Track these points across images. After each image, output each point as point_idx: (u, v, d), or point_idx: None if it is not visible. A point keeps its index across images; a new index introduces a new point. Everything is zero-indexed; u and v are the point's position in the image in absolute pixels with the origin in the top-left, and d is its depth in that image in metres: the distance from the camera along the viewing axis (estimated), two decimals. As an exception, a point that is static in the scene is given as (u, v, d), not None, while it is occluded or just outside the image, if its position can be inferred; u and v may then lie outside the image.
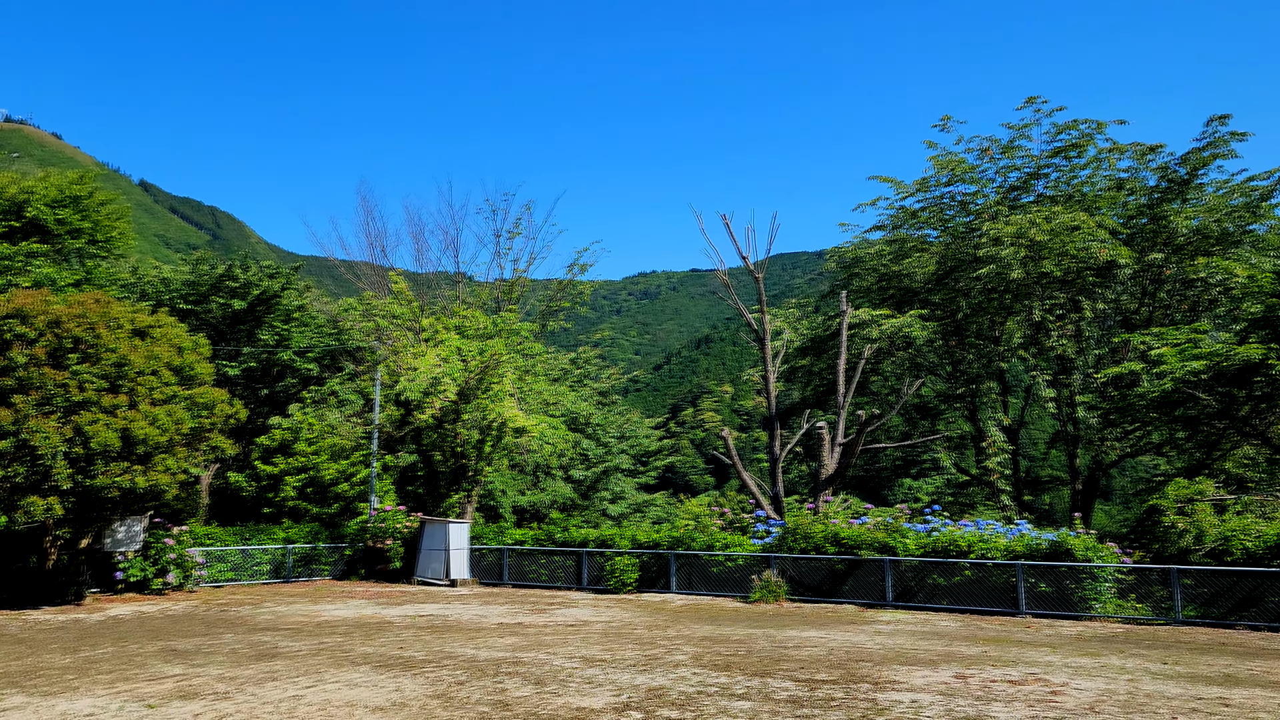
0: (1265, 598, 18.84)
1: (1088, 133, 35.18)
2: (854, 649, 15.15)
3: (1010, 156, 36.90)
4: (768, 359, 31.45)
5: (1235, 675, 12.88)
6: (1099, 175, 36.01)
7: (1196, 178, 33.55)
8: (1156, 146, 34.45)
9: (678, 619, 19.79)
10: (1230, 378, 25.62)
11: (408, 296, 34.97)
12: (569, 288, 43.51)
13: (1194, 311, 33.33)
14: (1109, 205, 34.94)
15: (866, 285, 40.08)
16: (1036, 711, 10.21)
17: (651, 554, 26.77)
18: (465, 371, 31.75)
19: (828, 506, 26.99)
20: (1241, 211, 32.68)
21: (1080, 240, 31.86)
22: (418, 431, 33.61)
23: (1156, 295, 34.39)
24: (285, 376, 41.00)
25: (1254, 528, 19.95)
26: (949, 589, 22.01)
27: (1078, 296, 34.98)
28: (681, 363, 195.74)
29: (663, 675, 12.40)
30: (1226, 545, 19.87)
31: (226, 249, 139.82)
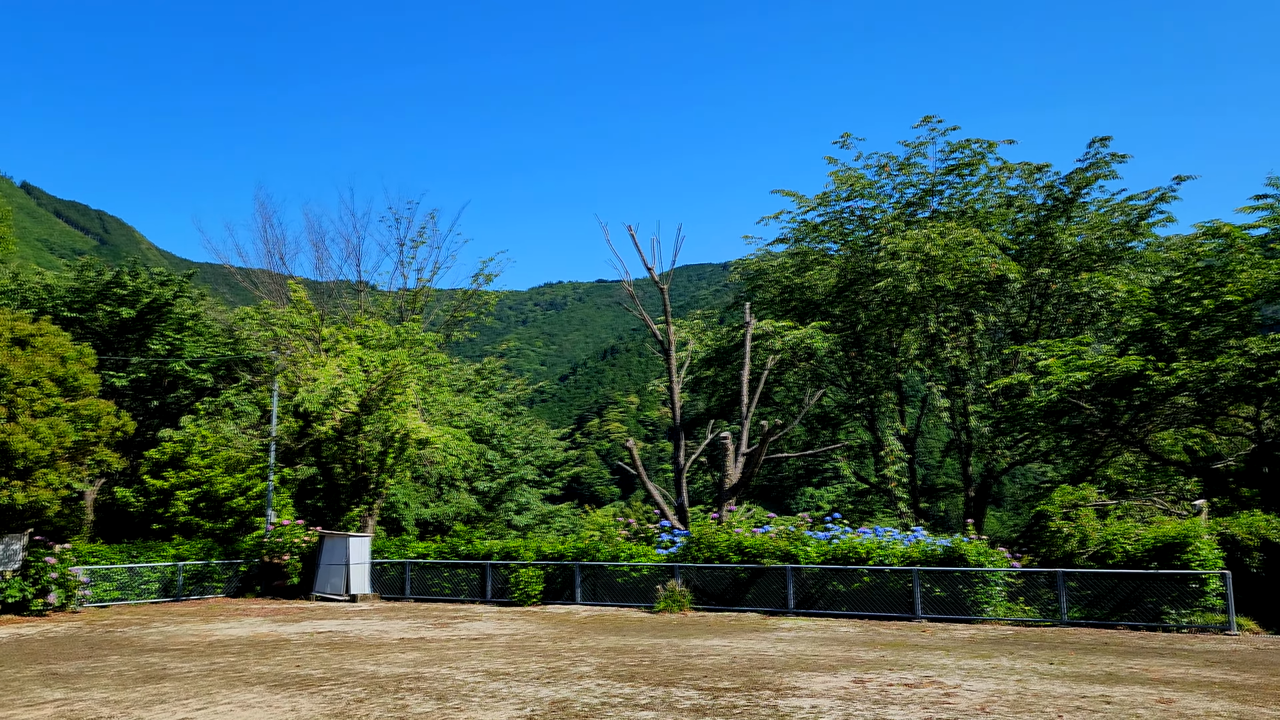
0: (1144, 599, 19.74)
1: (979, 152, 36.47)
2: (756, 656, 15.34)
3: (907, 173, 38.01)
4: (673, 370, 31.69)
5: (1117, 674, 13.46)
6: (990, 193, 37.36)
7: (1080, 196, 35.07)
8: (1043, 166, 35.92)
9: (583, 630, 19.75)
10: (1111, 388, 26.81)
11: (308, 305, 34.19)
12: (474, 298, 43.18)
13: (1078, 325, 34.79)
14: (999, 222, 36.25)
15: (770, 297, 40.73)
16: (931, 713, 10.49)
17: (556, 565, 26.66)
18: (367, 382, 31.18)
19: (731, 516, 27.30)
20: (1122, 229, 34.29)
21: (973, 255, 32.96)
22: (317, 443, 32.85)
23: (1044, 309, 35.79)
24: (177, 387, 39.61)
25: (1133, 532, 20.89)
26: (849, 595, 22.47)
27: (971, 309, 36.17)
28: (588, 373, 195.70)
29: (567, 687, 12.36)
30: (1108, 549, 20.75)
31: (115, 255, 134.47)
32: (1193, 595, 19.43)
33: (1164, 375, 25.22)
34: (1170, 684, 12.48)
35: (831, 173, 38.70)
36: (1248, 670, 13.83)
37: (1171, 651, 16.08)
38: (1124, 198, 34.89)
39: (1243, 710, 10.58)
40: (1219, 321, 26.11)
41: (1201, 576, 19.37)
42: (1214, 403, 26.80)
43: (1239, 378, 24.60)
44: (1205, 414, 27.85)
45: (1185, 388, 25.56)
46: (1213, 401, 26.68)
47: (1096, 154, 34.54)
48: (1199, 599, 19.40)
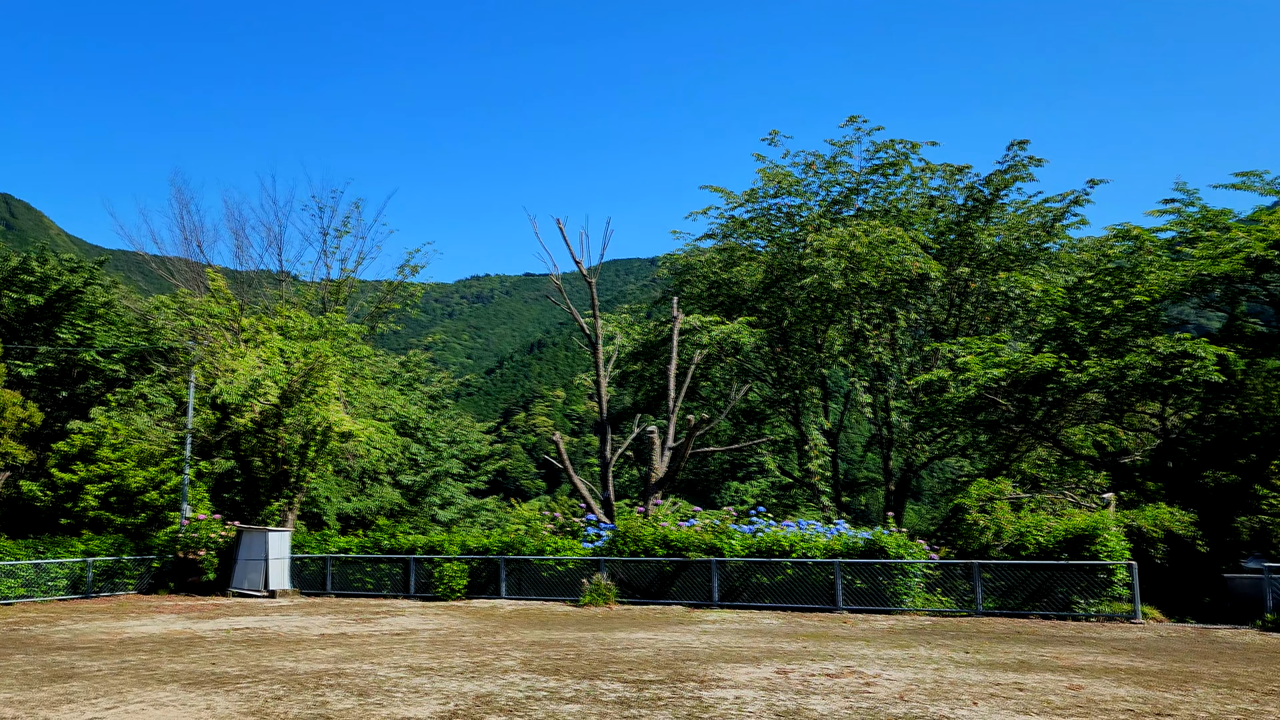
0: (1055, 589, 20.38)
1: (903, 152, 37.15)
2: (681, 649, 15.44)
3: (833, 172, 38.54)
4: (600, 364, 31.68)
5: (1029, 661, 13.86)
6: (913, 192, 38.09)
7: (999, 198, 35.98)
8: (964, 167, 36.75)
9: (507, 624, 19.66)
10: (1026, 384, 27.57)
11: (226, 295, 33.33)
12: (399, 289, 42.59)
13: (996, 322, 35.70)
14: (922, 221, 36.99)
15: (697, 292, 40.95)
16: (851, 703, 10.67)
17: (481, 560, 26.48)
18: (288, 374, 30.54)
19: (657, 510, 27.42)
20: (1038, 230, 35.26)
21: (896, 254, 33.57)
22: (236, 436, 32.06)
23: (963, 307, 36.64)
24: (88, 378, 38.33)
25: (1046, 524, 21.53)
26: (772, 588, 22.75)
27: (893, 307, 36.85)
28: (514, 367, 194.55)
29: (491, 682, 12.29)
30: (1022, 541, 21.37)
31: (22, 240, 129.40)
32: (1101, 585, 20.11)
33: (1076, 373, 26.01)
34: (1079, 671, 12.90)
35: (759, 170, 39.06)
36: (1152, 657, 14.36)
37: (1081, 640, 16.62)
38: (1040, 200, 35.91)
39: (1147, 695, 10.98)
40: (1128, 321, 27.02)
41: (1109, 567, 20.06)
42: (1122, 399, 27.75)
43: (1146, 376, 25.50)
44: (1114, 410, 28.82)
45: (1096, 385, 26.40)
46: (1121, 398, 27.61)
47: (1015, 157, 35.47)
48: (1107, 589, 20.08)
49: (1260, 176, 27.93)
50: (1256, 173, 27.90)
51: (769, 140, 39.44)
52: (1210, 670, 12.98)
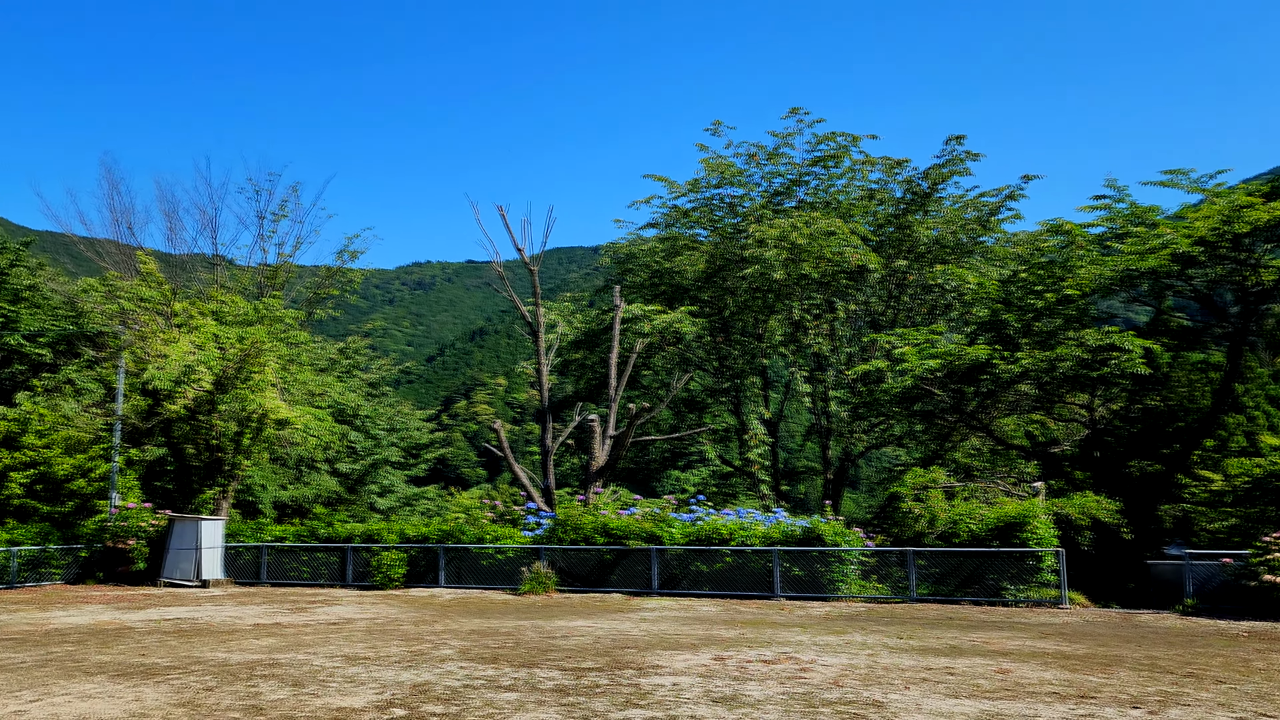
0: (986, 575, 20.85)
1: (844, 145, 37.55)
2: (620, 636, 15.50)
3: (775, 163, 38.83)
4: (541, 352, 31.58)
5: (959, 646, 14.17)
6: (854, 185, 38.54)
7: (937, 192, 36.57)
8: (903, 161, 37.26)
9: (446, 613, 19.56)
10: (961, 375, 28.11)
11: (158, 278, 32.53)
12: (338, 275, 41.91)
13: (932, 314, 36.32)
14: (862, 213, 37.45)
15: (640, 281, 41.01)
16: (787, 688, 10.81)
17: (420, 548, 26.29)
18: (223, 360, 29.94)
19: (598, 498, 27.46)
20: (974, 224, 35.92)
21: (836, 245, 33.95)
22: (168, 423, 31.38)
23: (901, 299, 37.20)
24: (12, 362, 37.18)
25: (978, 512, 22.02)
26: (711, 575, 22.94)
27: (833, 298, 37.29)
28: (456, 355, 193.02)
29: (429, 671, 12.22)
30: (955, 528, 21.82)
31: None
32: (1030, 572, 20.63)
33: (1009, 364, 26.58)
34: (1008, 655, 13.22)
35: (702, 160, 39.21)
36: (1077, 641, 14.77)
37: (1010, 625, 17.04)
38: (976, 194, 36.57)
39: (1072, 678, 11.29)
40: (1059, 314, 27.67)
41: (1038, 554, 20.58)
42: (1053, 391, 28.42)
43: (1076, 368, 26.15)
44: (1045, 401, 29.52)
45: (1028, 376, 27.02)
46: (1052, 389, 28.28)
47: (952, 151, 36.06)
48: (1035, 575, 20.61)
49: (1187, 175, 28.74)
50: (1183, 171, 28.71)
51: (712, 130, 39.59)
52: (1133, 654, 13.39)
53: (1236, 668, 12.11)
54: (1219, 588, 19.20)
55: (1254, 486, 26.58)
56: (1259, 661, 12.67)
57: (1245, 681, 11.06)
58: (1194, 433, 29.36)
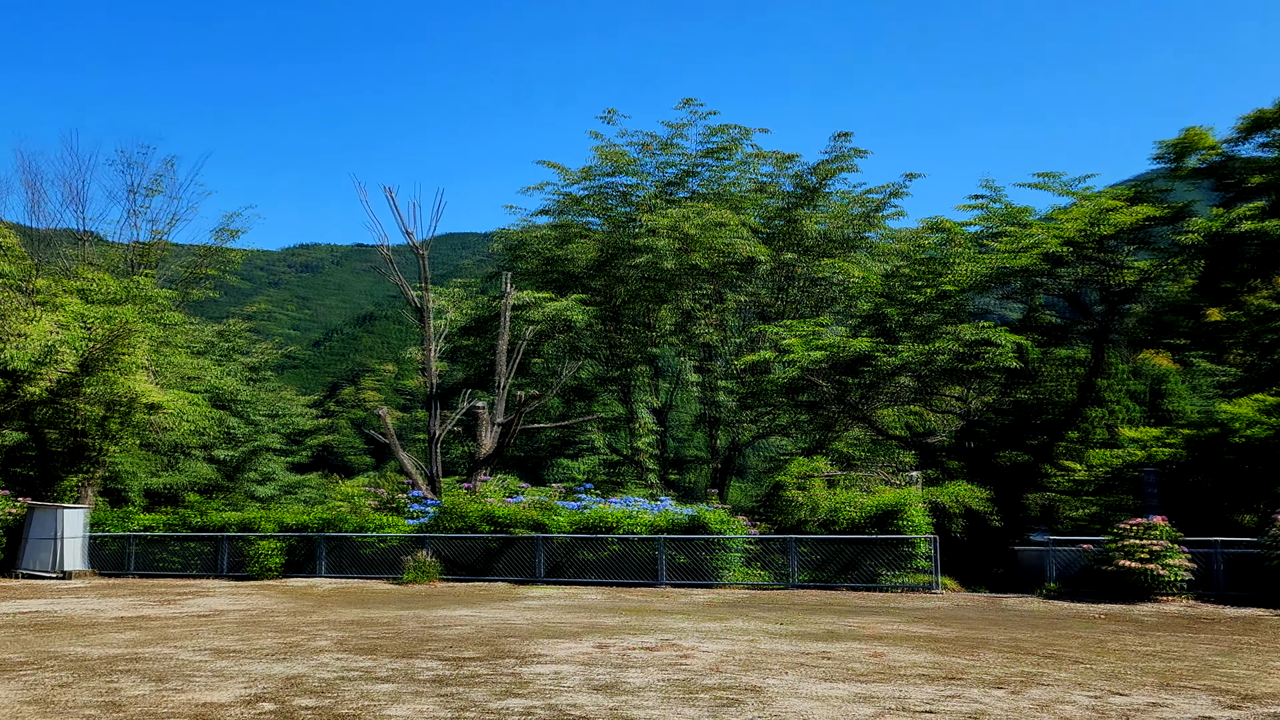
0: (864, 562, 21.43)
1: (736, 138, 37.98)
2: (503, 625, 15.37)
3: (668, 153, 39.02)
4: (429, 337, 31.08)
5: (836, 631, 14.51)
6: (745, 178, 39.05)
7: (825, 187, 37.33)
8: (793, 156, 37.92)
9: (324, 604, 19.07)
10: (845, 367, 28.79)
11: (19, 253, 30.74)
12: (217, 255, 40.36)
13: (819, 307, 37.11)
14: (752, 206, 37.96)
15: (531, 268, 40.71)
16: (667, 675, 10.88)
17: (299, 537, 25.57)
18: (89, 340, 28.49)
19: (484, 486, 27.18)
20: (860, 220, 36.80)
21: (726, 236, 34.33)
22: (27, 406, 29.69)
23: (789, 291, 37.88)
24: None
25: (857, 500, 22.60)
26: (597, 563, 22.97)
27: (722, 289, 37.72)
28: (343, 340, 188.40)
29: (302, 663, 11.88)
30: (835, 516, 22.35)
31: None
32: (905, 558, 21.28)
33: (890, 356, 27.35)
34: (882, 639, 13.59)
35: (595, 147, 39.11)
36: (947, 625, 15.30)
37: (885, 610, 17.54)
38: (863, 191, 37.48)
39: (941, 660, 11.67)
40: (938, 309, 28.58)
41: (913, 541, 21.25)
42: (930, 383, 29.36)
43: (952, 361, 27.07)
44: (923, 393, 30.48)
45: (907, 369, 27.84)
46: (929, 382, 29.22)
47: (840, 148, 36.83)
48: (910, 561, 21.28)
49: (1058, 178, 30.02)
50: (1055, 174, 29.99)
51: (606, 118, 39.54)
52: (998, 636, 13.93)
53: (1092, 648, 12.72)
54: (1079, 572, 20.16)
55: (1113, 476, 28.01)
56: (1113, 642, 13.34)
57: (1100, 661, 11.62)
58: (1059, 425, 30.76)
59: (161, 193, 36.56)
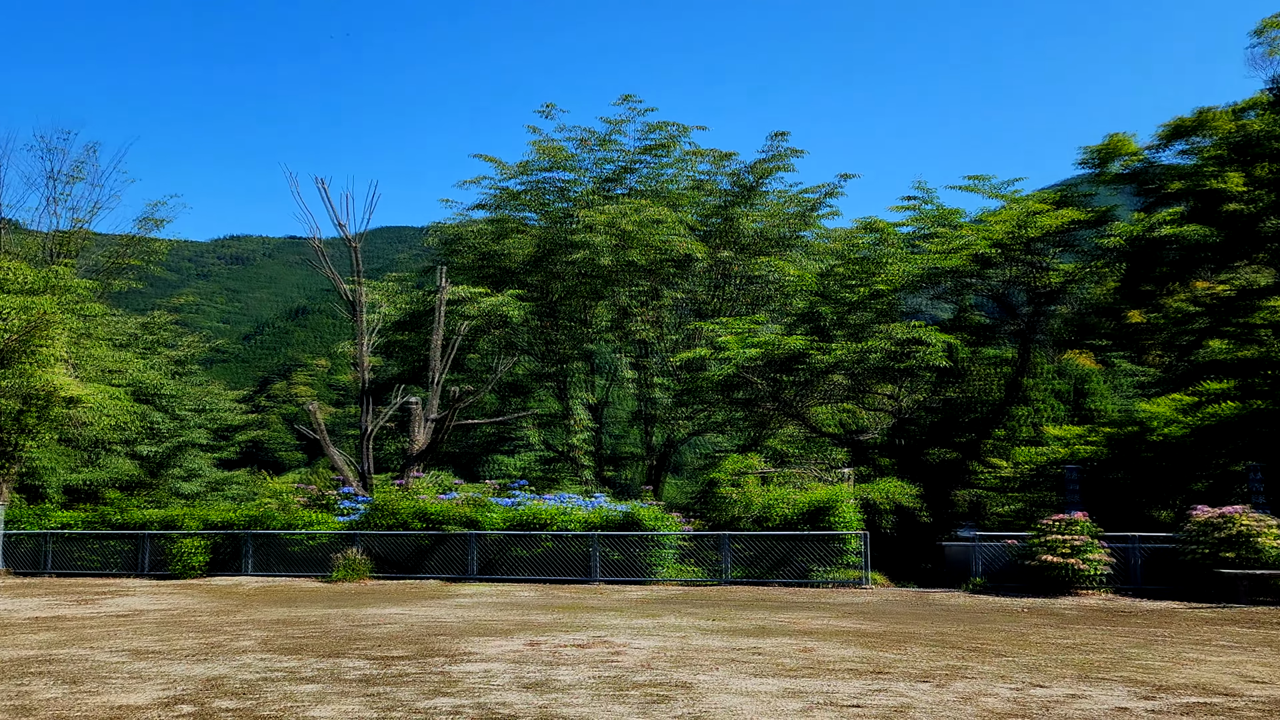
0: (795, 558, 21.63)
1: (674, 135, 38.05)
2: (433, 623, 15.19)
3: (606, 149, 38.96)
4: (362, 332, 30.62)
5: (767, 627, 14.61)
6: (683, 175, 39.14)
7: (761, 186, 37.59)
8: (730, 154, 38.13)
9: (249, 603, 18.66)
10: (779, 365, 29.03)
11: (-72, 240, 29.59)
12: (141, 244, 39.32)
13: (754, 304, 37.37)
14: (690, 204, 38.07)
15: (467, 263, 40.33)
16: (598, 672, 10.84)
17: (225, 534, 25.00)
18: (4, 331, 27.50)
19: (417, 482, 26.86)
20: (795, 219, 37.13)
21: (663, 234, 34.38)
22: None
23: (725, 288, 38.08)
24: None
25: (790, 497, 22.79)
26: (530, 560, 22.83)
27: (659, 285, 37.77)
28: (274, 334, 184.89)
29: (224, 664, 11.60)
30: (768, 513, 22.52)
31: None
32: (836, 554, 21.53)
33: (824, 355, 27.64)
34: (812, 634, 13.72)
35: (533, 142, 38.90)
36: (876, 620, 15.50)
37: (816, 605, 17.71)
38: (799, 190, 37.82)
39: (869, 655, 11.82)
40: (871, 308, 28.97)
41: (844, 537, 21.50)
42: (863, 381, 29.76)
43: (884, 359, 27.46)
44: (856, 391, 30.87)
45: (841, 367, 28.17)
46: (862, 379, 29.61)
47: (776, 147, 37.11)
48: (841, 557, 21.52)
49: (987, 180, 30.63)
50: (984, 177, 30.60)
51: (544, 113, 39.33)
52: (925, 630, 14.15)
53: (1015, 641, 12.99)
54: (1003, 567, 20.60)
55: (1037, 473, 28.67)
56: (1034, 635, 13.64)
57: (1021, 654, 11.87)
58: (987, 423, 31.39)
59: (83, 179, 35.50)
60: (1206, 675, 10.46)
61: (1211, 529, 18.82)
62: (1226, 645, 12.73)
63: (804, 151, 37.57)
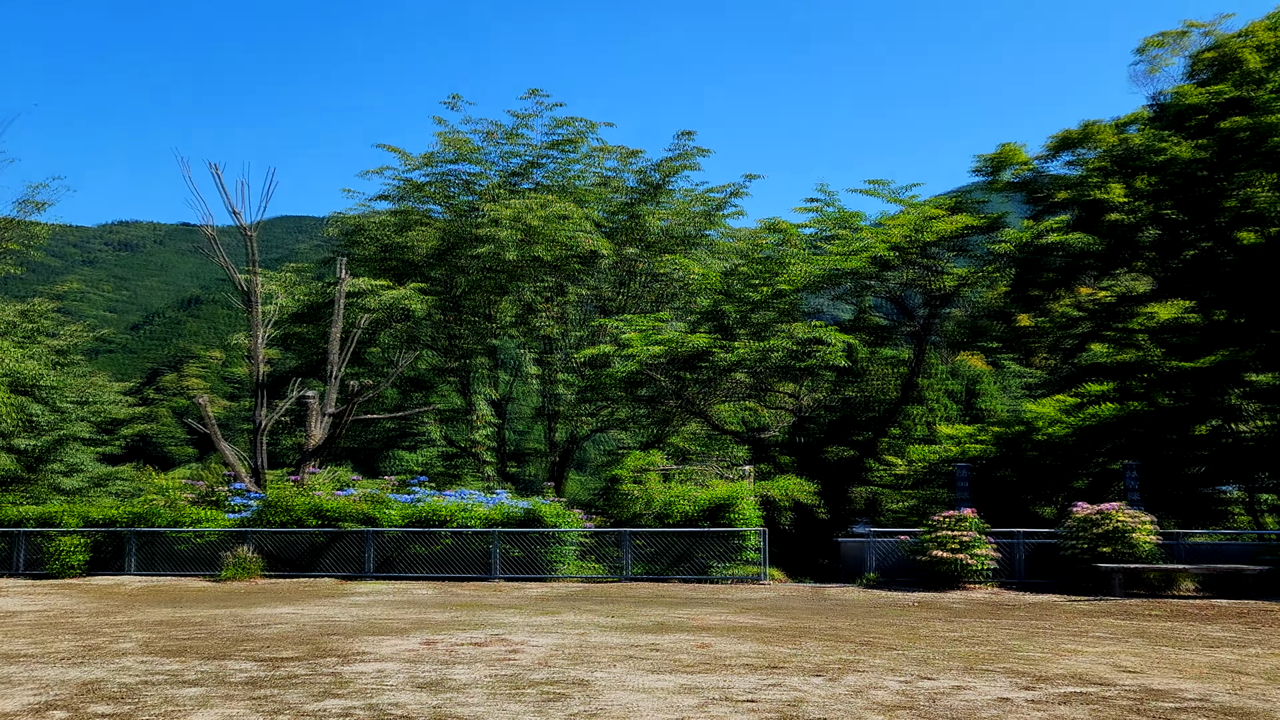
0: (696, 554, 21.82)
1: (582, 131, 37.94)
2: (326, 623, 14.85)
3: (513, 143, 38.62)
4: (257, 323, 29.76)
5: (666, 623, 14.69)
6: (590, 171, 39.06)
7: (668, 184, 37.77)
8: (637, 152, 38.21)
9: (132, 603, 17.96)
10: (683, 362, 29.24)
11: None
12: (19, 228, 37.44)
13: (659, 302, 37.53)
14: (596, 200, 38.03)
15: (369, 255, 39.52)
16: (495, 670, 10.75)
17: (107, 532, 24.01)
18: None
19: (313, 478, 26.24)
20: (701, 218, 37.43)
21: (570, 229, 34.26)
22: None
23: (630, 285, 38.16)
24: None
25: (691, 494, 22.98)
26: (429, 558, 22.52)
27: (564, 281, 37.63)
28: (165, 324, 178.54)
29: (101, 667, 11.12)
30: (669, 509, 22.66)
31: None
32: (736, 550, 21.79)
33: (727, 353, 27.93)
34: (709, 630, 13.85)
35: (439, 134, 38.32)
36: (772, 615, 15.74)
37: (714, 601, 17.89)
38: (705, 189, 38.11)
39: (765, 650, 11.98)
40: (773, 308, 29.40)
41: (743, 533, 21.78)
42: (765, 379, 30.20)
43: (786, 358, 27.90)
44: (758, 389, 31.31)
45: (743, 365, 28.52)
46: (764, 378, 30.04)
47: (683, 146, 37.34)
48: (740, 553, 21.80)
49: (887, 185, 31.37)
50: (884, 181, 31.32)
51: (450, 104, 38.82)
52: (819, 625, 14.43)
53: (905, 635, 13.34)
54: (896, 563, 21.14)
55: (930, 471, 29.52)
56: (924, 629, 14.03)
57: (911, 647, 12.19)
58: (883, 421, 32.18)
59: (-44, 158, 33.53)
60: (1083, 665, 10.91)
61: (1090, 525, 19.64)
62: (1102, 636, 13.31)
63: (710, 151, 37.95)
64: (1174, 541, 20.63)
